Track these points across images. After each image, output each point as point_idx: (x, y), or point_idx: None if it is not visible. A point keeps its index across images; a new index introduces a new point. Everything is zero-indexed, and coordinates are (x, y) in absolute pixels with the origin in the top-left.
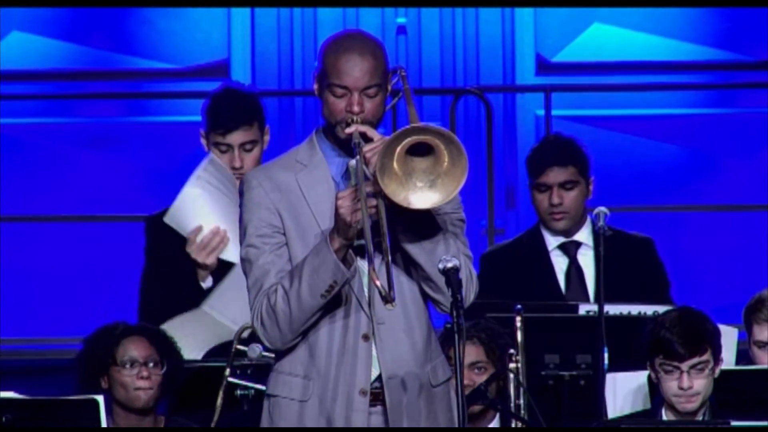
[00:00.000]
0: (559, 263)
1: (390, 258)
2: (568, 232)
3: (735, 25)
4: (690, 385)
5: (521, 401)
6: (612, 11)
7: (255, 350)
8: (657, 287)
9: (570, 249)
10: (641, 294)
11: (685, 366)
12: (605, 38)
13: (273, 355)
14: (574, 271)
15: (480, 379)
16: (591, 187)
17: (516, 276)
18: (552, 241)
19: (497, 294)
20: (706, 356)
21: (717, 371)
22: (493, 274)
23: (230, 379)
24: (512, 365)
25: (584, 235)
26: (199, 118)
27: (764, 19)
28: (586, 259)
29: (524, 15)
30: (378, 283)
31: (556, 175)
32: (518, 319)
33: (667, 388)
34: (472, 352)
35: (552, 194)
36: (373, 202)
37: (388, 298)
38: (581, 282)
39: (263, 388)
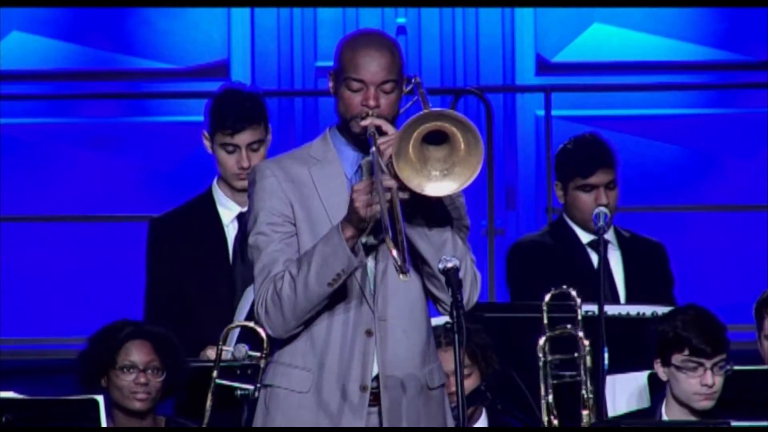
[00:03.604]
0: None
1: (405, 237)
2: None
3: (735, 25)
4: (713, 383)
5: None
6: (612, 11)
7: (241, 350)
8: (667, 291)
9: (600, 248)
10: (649, 294)
11: (709, 363)
12: (605, 38)
13: (259, 354)
14: (604, 269)
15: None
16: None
17: (551, 270)
18: (583, 238)
19: (531, 286)
20: (726, 354)
21: None
22: (528, 266)
23: (218, 381)
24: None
25: (611, 235)
26: (199, 118)
27: (764, 19)
28: (614, 258)
29: (524, 15)
30: (394, 252)
31: (603, 176)
32: (578, 302)
33: (687, 385)
34: (452, 358)
35: (599, 195)
36: (388, 195)
37: (402, 269)
38: (611, 280)
39: (251, 387)
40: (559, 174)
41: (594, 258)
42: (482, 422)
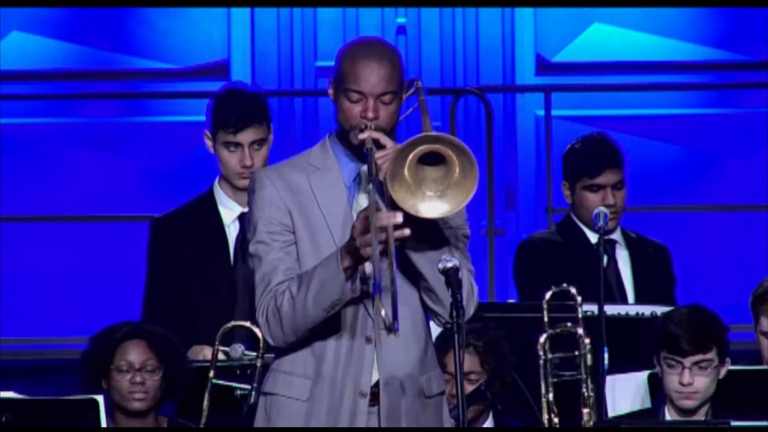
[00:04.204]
0: None
1: (396, 288)
2: (606, 231)
3: (735, 25)
4: (690, 382)
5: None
6: (612, 11)
7: (237, 350)
8: (670, 294)
9: (607, 248)
10: (654, 295)
11: (687, 362)
12: (605, 38)
13: (254, 354)
14: (613, 269)
15: (469, 390)
16: None
17: (560, 269)
18: (592, 238)
19: (538, 283)
20: (710, 355)
21: (722, 372)
22: (536, 263)
23: (216, 381)
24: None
25: (618, 235)
26: (199, 118)
27: (764, 19)
28: (623, 258)
29: (524, 15)
30: (383, 312)
31: (611, 177)
32: (578, 300)
33: (668, 382)
34: (467, 361)
35: (606, 195)
36: (383, 236)
37: (391, 329)
38: (619, 280)
39: (248, 387)
40: (567, 174)
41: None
42: (489, 423)
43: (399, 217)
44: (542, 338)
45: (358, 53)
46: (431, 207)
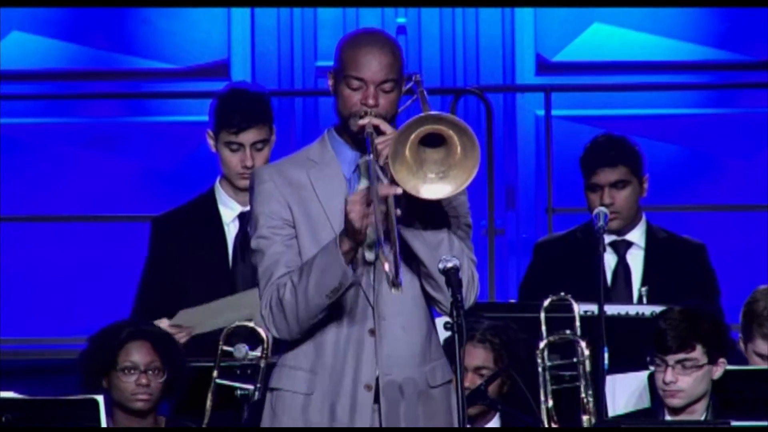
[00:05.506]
0: (608, 261)
1: (398, 248)
2: (620, 231)
3: (735, 25)
4: (672, 380)
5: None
6: (612, 11)
7: (241, 350)
8: (705, 294)
9: (620, 248)
10: (674, 295)
11: (670, 360)
12: (605, 38)
13: (259, 354)
14: (621, 270)
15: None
16: (645, 185)
17: (566, 269)
18: (605, 238)
19: (544, 284)
20: (695, 354)
21: (717, 372)
22: (544, 264)
23: (218, 380)
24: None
25: (636, 236)
26: (199, 118)
27: (764, 19)
28: (636, 259)
29: (524, 15)
30: (386, 267)
31: (606, 176)
32: (576, 309)
33: (656, 380)
34: (481, 356)
35: (603, 194)
36: (384, 207)
37: (395, 283)
38: (627, 282)
39: (251, 387)
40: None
41: (607, 259)
42: (495, 422)
43: (398, 190)
44: (541, 345)
45: (359, 42)
46: (432, 188)
